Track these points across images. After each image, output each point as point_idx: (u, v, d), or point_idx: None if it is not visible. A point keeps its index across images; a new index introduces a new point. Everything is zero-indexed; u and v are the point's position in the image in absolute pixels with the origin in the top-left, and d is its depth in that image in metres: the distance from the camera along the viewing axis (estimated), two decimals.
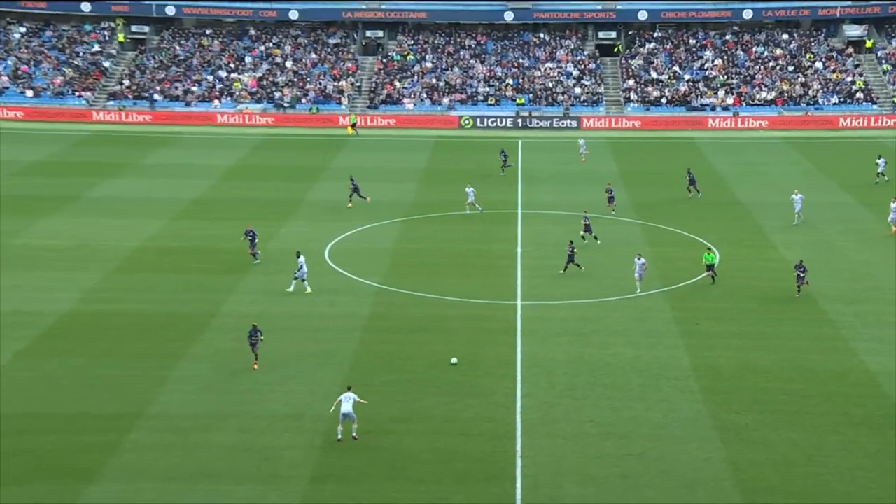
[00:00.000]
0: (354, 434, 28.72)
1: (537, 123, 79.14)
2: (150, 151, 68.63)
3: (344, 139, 74.11)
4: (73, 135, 73.86)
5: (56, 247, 46.38)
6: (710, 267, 41.68)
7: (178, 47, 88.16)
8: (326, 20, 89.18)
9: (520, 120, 79.26)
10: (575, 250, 42.88)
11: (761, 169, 64.26)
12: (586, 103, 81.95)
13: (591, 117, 79.66)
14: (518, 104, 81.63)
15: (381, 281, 42.00)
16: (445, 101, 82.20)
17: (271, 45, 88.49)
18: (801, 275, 40.01)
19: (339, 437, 28.65)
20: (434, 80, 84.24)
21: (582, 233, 46.57)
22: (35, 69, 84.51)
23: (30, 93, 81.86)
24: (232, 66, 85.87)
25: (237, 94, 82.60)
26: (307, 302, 39.83)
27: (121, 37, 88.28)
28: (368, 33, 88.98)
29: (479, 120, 79.16)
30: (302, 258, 40.67)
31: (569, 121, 79.27)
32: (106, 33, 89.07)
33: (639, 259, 40.83)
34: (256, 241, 43.75)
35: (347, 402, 28.61)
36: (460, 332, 37.01)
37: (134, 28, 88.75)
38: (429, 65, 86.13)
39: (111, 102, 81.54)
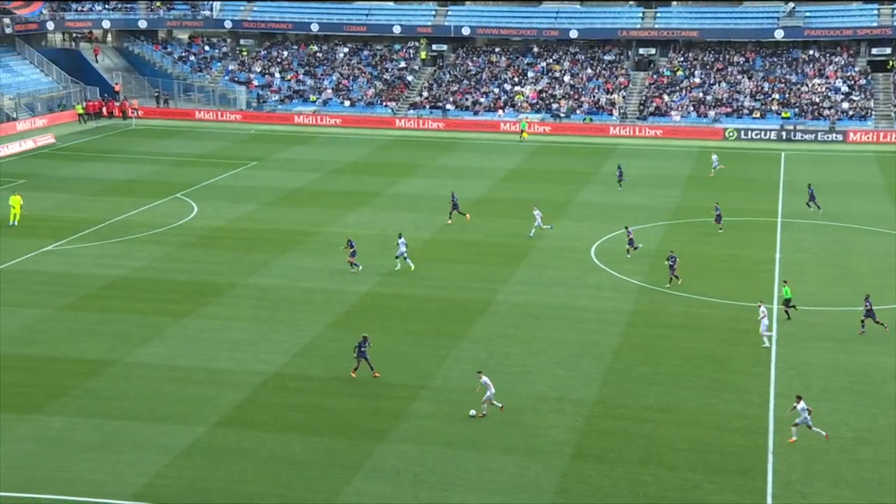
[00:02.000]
0: (498, 405, 28.88)
1: (801, 136, 74.53)
2: (441, 154, 70.77)
3: (613, 146, 73.17)
4: (379, 139, 77.30)
5: (361, 235, 48.69)
6: (787, 302, 35.83)
7: (470, 63, 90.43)
8: (603, 38, 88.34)
9: (784, 133, 74.96)
10: (676, 261, 39.65)
11: None
12: (853, 118, 76.25)
13: (858, 131, 74.01)
14: (783, 118, 77.26)
15: (643, 280, 41.04)
16: (711, 113, 79.20)
17: (552, 60, 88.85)
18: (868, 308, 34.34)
19: (501, 407, 28.87)
20: (701, 94, 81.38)
21: (627, 247, 43.47)
22: (353, 83, 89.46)
23: (347, 103, 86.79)
24: (516, 79, 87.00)
25: (519, 104, 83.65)
26: (572, 295, 39.59)
27: (423, 54, 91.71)
28: (641, 51, 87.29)
29: (742, 132, 75.63)
30: (402, 239, 41.75)
31: (834, 135, 74.07)
32: (411, 51, 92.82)
33: (760, 306, 34.80)
34: (355, 251, 42.30)
35: (488, 386, 28.77)
36: (716, 331, 35.50)
37: (434, 47, 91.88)
38: (697, 80, 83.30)
39: (411, 111, 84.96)
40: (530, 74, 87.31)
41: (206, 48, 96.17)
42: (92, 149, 72.09)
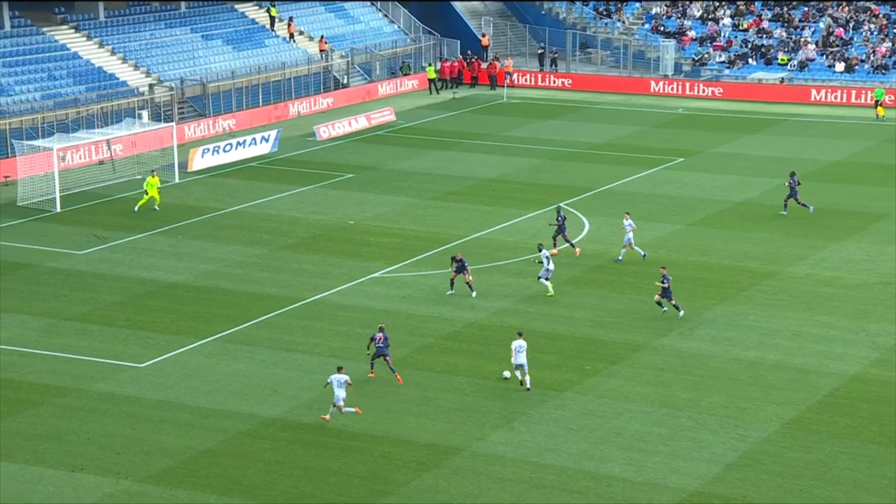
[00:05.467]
0: (328, 417, 35.75)
1: None
2: None
3: None
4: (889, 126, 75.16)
5: (846, 282, 47.26)
6: None
7: None
8: None
9: None
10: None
11: None
12: None
13: None
14: None
15: None
16: None
17: None
18: None
19: (329, 417, 35.86)
20: None
21: (657, 298, 43.71)
22: (854, 33, 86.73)
23: (840, 66, 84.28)
24: None
25: None
26: None
27: None
28: None
29: None
30: (545, 252, 46.11)
31: None
32: None
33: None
34: (466, 270, 45.77)
35: (340, 387, 35.31)
36: None
37: None
38: None
39: None
40: None
41: None
42: (444, 131, 76.48)
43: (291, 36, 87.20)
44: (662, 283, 43.74)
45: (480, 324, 43.91)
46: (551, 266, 46.01)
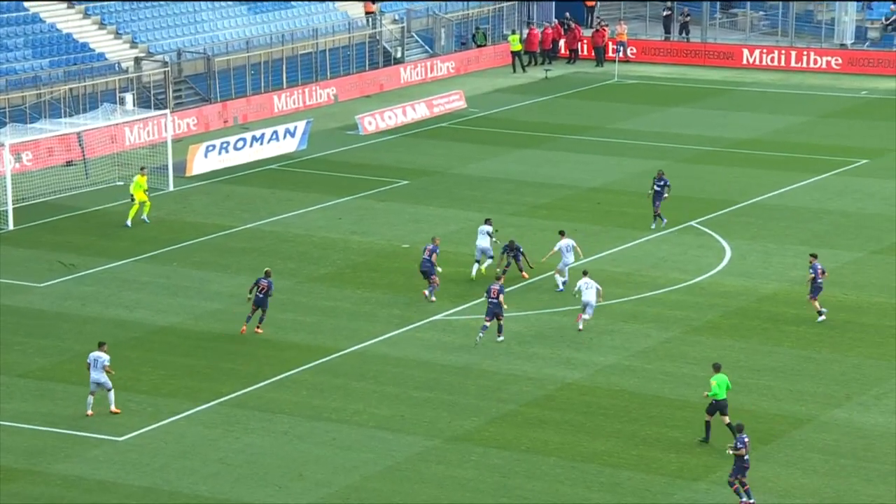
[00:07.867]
0: (112, 407, 40.37)
1: None
2: None
3: None
4: None
5: None
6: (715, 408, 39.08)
7: None
8: None
9: None
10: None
11: None
12: None
13: None
14: None
15: None
16: None
17: None
18: None
19: (89, 411, 40.54)
20: None
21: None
22: None
23: None
24: None
25: None
26: None
27: None
28: None
29: None
30: (488, 226, 52.85)
31: None
32: None
33: None
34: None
35: (97, 369, 40.16)
36: None
37: None
38: None
39: None
40: None
41: None
42: (531, 123, 76.86)
43: None
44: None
45: (580, 385, 43.54)
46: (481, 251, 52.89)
